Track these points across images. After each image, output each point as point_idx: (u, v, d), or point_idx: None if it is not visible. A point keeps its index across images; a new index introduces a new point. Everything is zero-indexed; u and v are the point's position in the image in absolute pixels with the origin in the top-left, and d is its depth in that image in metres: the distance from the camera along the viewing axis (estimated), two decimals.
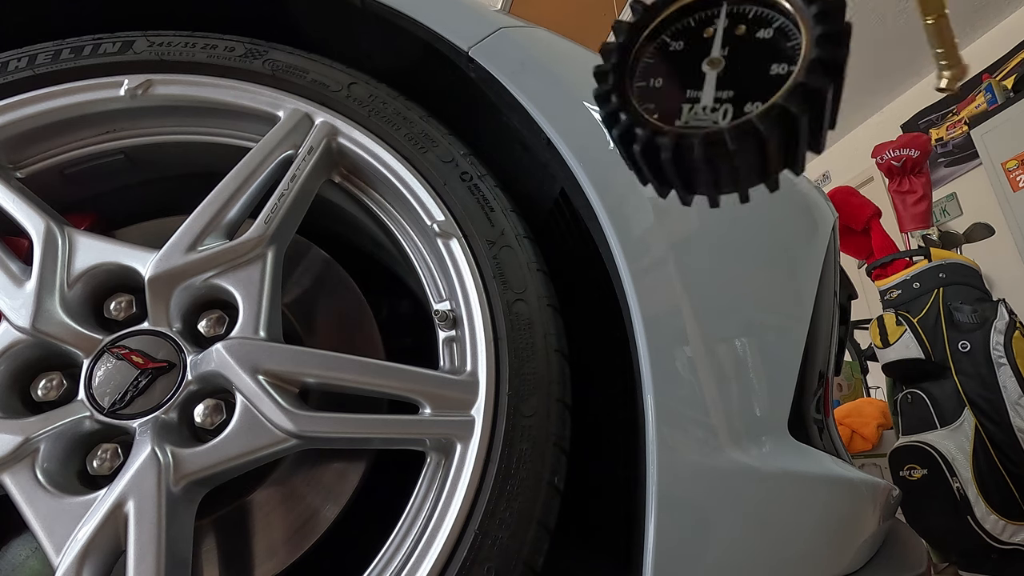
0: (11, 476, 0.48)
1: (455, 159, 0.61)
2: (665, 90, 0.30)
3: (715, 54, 0.29)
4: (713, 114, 0.28)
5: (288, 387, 0.52)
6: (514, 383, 0.52)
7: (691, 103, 0.29)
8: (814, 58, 0.26)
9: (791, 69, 0.27)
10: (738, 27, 0.30)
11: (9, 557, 0.61)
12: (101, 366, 0.52)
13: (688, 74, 0.30)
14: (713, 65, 0.29)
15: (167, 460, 0.48)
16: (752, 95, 0.28)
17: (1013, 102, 3.41)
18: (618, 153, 0.32)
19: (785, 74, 0.27)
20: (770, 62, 0.28)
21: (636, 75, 0.31)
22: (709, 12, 0.30)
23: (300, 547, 0.61)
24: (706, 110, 0.28)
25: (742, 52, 0.29)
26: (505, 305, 0.55)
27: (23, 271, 0.55)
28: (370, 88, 0.63)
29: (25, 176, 0.61)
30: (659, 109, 0.29)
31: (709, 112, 0.28)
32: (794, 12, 0.28)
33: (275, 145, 0.60)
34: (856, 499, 0.68)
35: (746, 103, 0.28)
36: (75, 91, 0.60)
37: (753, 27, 0.29)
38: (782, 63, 0.28)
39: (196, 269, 0.55)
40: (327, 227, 0.74)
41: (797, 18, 0.28)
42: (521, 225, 0.59)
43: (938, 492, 2.07)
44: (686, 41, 0.31)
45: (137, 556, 0.45)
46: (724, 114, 0.28)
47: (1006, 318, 2.13)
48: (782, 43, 0.28)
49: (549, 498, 0.50)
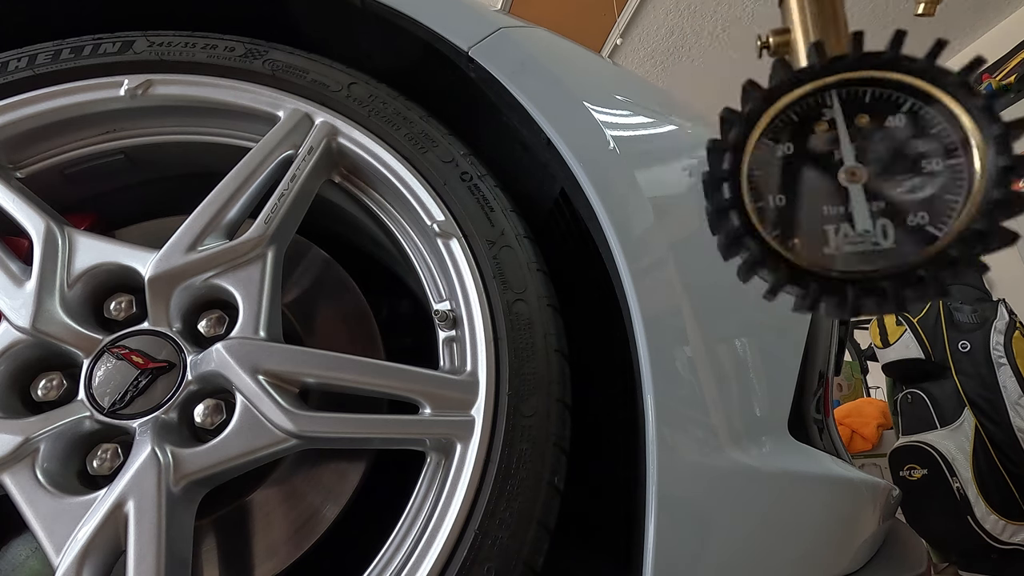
0: (11, 476, 0.48)
1: (455, 159, 0.61)
2: (792, 209, 0.25)
3: (849, 161, 0.25)
4: (869, 235, 0.24)
5: (288, 387, 0.52)
6: (514, 383, 0.52)
7: (835, 223, 0.24)
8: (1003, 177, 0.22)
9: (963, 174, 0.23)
10: (858, 116, 0.25)
11: (9, 557, 0.60)
12: (101, 366, 0.52)
13: (817, 185, 0.25)
14: (855, 177, 0.25)
15: (167, 460, 0.48)
16: (912, 205, 0.23)
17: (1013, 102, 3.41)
18: None
19: (958, 181, 0.23)
20: (919, 157, 0.24)
21: (750, 191, 0.26)
22: (814, 100, 0.26)
23: (300, 547, 0.61)
24: (858, 231, 0.24)
25: (874, 145, 0.25)
26: (505, 305, 0.55)
27: (23, 271, 0.55)
28: (370, 88, 0.63)
29: (25, 176, 0.61)
30: (793, 234, 0.25)
31: (862, 232, 0.24)
32: (940, 97, 0.24)
33: (275, 145, 0.60)
34: (856, 499, 0.68)
35: (907, 214, 0.24)
36: (75, 91, 0.60)
37: (877, 113, 0.25)
38: (942, 159, 0.23)
39: (196, 269, 0.55)
40: (327, 227, 0.74)
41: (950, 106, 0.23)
42: (521, 225, 0.59)
43: (938, 492, 2.07)
44: (796, 142, 0.26)
45: (137, 556, 0.45)
46: (884, 233, 0.24)
47: (1006, 318, 2.13)
48: (926, 130, 0.24)
49: (549, 498, 0.49)
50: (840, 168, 0.25)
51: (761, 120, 0.26)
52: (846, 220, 0.24)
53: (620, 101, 0.67)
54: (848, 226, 0.24)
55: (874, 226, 0.24)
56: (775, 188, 0.26)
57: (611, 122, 0.61)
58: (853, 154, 0.25)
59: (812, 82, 0.26)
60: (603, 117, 0.61)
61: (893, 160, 0.25)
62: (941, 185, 0.24)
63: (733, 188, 0.26)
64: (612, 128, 0.60)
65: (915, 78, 0.25)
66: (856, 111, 0.25)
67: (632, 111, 0.66)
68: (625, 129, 0.63)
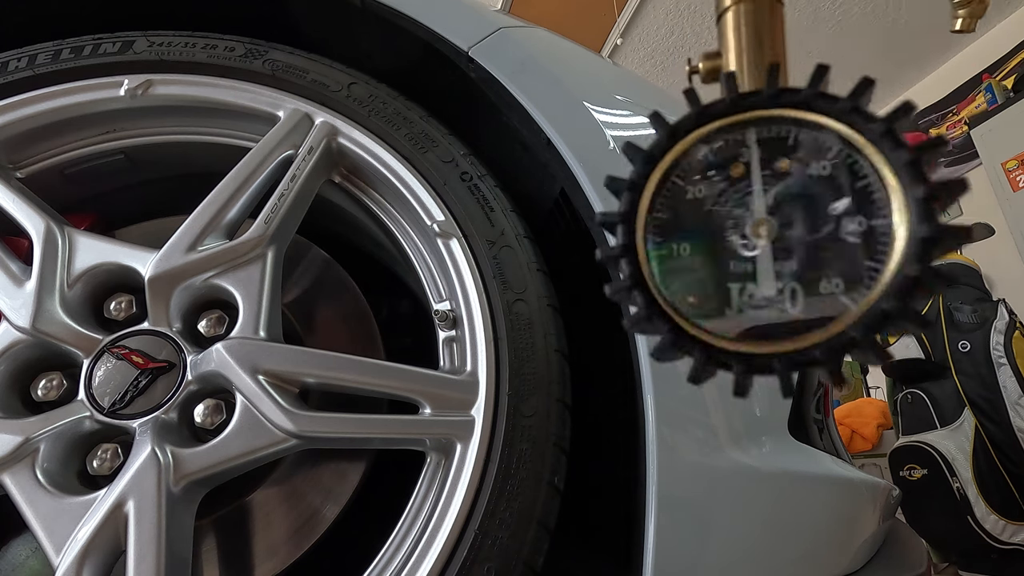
0: (11, 476, 0.48)
1: (455, 159, 0.61)
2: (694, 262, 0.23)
3: (758, 213, 0.22)
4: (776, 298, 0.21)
5: (288, 387, 0.52)
6: (514, 383, 0.52)
7: (739, 282, 0.22)
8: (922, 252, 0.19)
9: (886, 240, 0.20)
10: (779, 160, 0.22)
11: (9, 557, 0.60)
12: (101, 366, 0.52)
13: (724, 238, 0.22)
14: (764, 230, 0.22)
15: (167, 460, 0.48)
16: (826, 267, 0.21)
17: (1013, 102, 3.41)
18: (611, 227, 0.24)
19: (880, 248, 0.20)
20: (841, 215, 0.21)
21: (650, 234, 0.23)
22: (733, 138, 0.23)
23: (300, 547, 0.61)
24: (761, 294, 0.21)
25: (793, 195, 0.22)
26: (505, 305, 0.55)
27: (23, 271, 0.55)
28: (370, 88, 0.63)
29: (25, 176, 0.61)
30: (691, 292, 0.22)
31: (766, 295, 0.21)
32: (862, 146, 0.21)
33: (275, 145, 0.60)
34: (856, 499, 0.68)
35: (820, 280, 0.21)
36: (75, 91, 0.60)
37: (800, 159, 0.22)
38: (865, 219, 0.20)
39: (196, 269, 0.55)
40: (327, 227, 0.74)
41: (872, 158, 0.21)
42: (521, 225, 0.59)
43: (938, 492, 2.07)
44: (708, 183, 0.23)
45: (137, 556, 0.45)
46: (792, 297, 0.21)
47: (1006, 318, 2.13)
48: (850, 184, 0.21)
49: (549, 498, 0.49)
50: (748, 220, 0.22)
51: (661, 163, 0.24)
52: (751, 279, 0.22)
53: (620, 101, 0.67)
54: (753, 287, 0.22)
55: (781, 290, 0.21)
56: (678, 236, 0.23)
57: (611, 122, 0.61)
58: (764, 205, 0.22)
59: (719, 120, 0.23)
60: (603, 117, 0.61)
61: (810, 214, 0.21)
62: (861, 249, 0.21)
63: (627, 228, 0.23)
64: (612, 128, 0.60)
65: (834, 121, 0.22)
66: (777, 154, 0.22)
67: (632, 111, 0.66)
68: (625, 129, 0.63)
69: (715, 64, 0.31)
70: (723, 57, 0.30)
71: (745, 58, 0.29)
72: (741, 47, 0.30)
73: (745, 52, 0.29)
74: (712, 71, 0.31)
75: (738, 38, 0.30)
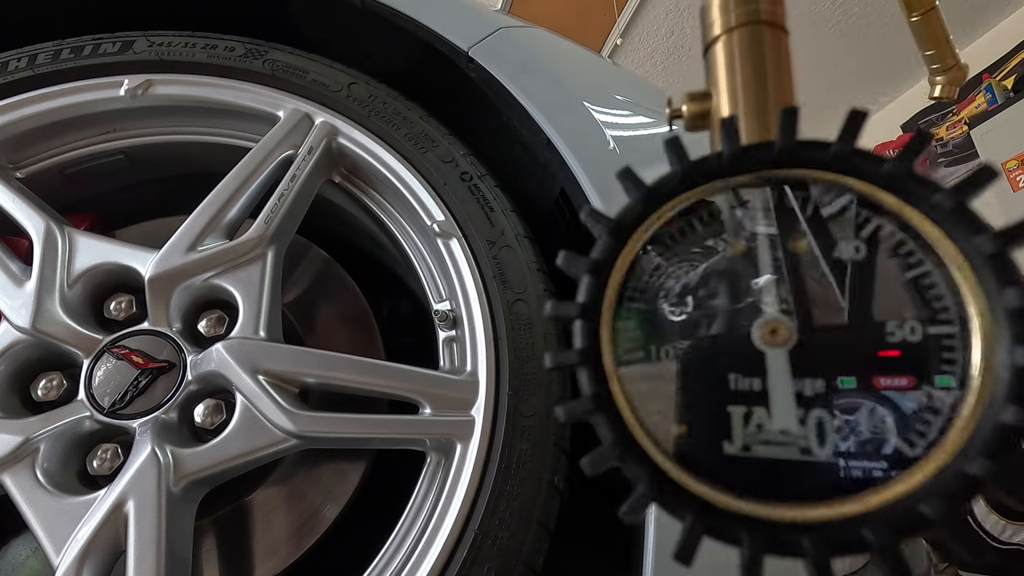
0: (11, 476, 0.48)
1: (455, 159, 0.61)
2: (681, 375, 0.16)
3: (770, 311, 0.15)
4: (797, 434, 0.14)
5: (288, 387, 0.52)
6: (514, 383, 0.52)
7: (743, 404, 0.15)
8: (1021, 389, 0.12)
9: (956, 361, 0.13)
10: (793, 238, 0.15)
11: (9, 557, 0.60)
12: (101, 366, 0.52)
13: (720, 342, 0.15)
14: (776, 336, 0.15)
15: (167, 460, 0.48)
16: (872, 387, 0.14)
17: (1013, 102, 3.41)
18: None
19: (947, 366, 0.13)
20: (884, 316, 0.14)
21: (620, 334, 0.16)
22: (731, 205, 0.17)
23: (300, 547, 0.61)
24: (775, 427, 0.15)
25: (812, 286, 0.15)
26: (505, 305, 0.55)
27: (23, 271, 0.55)
28: (370, 88, 0.63)
29: (25, 176, 0.61)
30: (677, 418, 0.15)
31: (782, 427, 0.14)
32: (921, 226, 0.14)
33: (275, 145, 0.60)
34: None
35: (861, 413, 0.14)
36: (75, 91, 0.60)
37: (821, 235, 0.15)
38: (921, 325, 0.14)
39: (196, 269, 0.55)
40: (327, 227, 0.74)
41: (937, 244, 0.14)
42: (521, 225, 0.59)
43: None
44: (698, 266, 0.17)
45: (137, 556, 0.45)
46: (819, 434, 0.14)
47: None
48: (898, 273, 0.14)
49: (549, 498, 0.49)
50: (756, 319, 0.15)
51: (633, 238, 0.17)
52: (760, 403, 0.15)
53: (620, 101, 0.67)
54: (764, 413, 0.15)
55: (804, 420, 0.14)
56: (658, 337, 0.16)
57: (611, 122, 0.61)
58: (777, 300, 0.15)
59: (715, 181, 0.17)
60: (603, 117, 0.61)
61: (841, 315, 0.15)
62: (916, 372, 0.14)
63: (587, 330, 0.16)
64: (612, 128, 0.60)
65: (879, 189, 0.15)
66: (790, 230, 0.16)
67: (632, 111, 0.66)
68: (625, 129, 0.63)
69: (703, 107, 0.25)
70: (713, 99, 0.24)
71: (742, 100, 0.23)
72: (736, 86, 0.23)
73: (741, 93, 0.23)
74: (699, 116, 0.25)
75: (731, 75, 0.23)
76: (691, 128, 0.25)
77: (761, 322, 0.15)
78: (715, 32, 0.24)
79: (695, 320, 0.16)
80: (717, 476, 0.15)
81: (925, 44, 0.52)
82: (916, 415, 0.14)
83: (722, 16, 0.24)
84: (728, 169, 0.17)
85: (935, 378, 0.14)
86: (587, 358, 0.16)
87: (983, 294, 0.13)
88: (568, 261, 0.18)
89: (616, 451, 0.16)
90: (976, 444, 0.13)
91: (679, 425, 0.15)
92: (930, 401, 0.14)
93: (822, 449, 0.14)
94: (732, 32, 0.23)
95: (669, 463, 0.15)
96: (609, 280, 0.17)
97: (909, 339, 0.14)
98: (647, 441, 0.16)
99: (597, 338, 0.17)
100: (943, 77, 0.53)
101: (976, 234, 0.14)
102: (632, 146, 0.62)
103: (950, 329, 0.14)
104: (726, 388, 0.15)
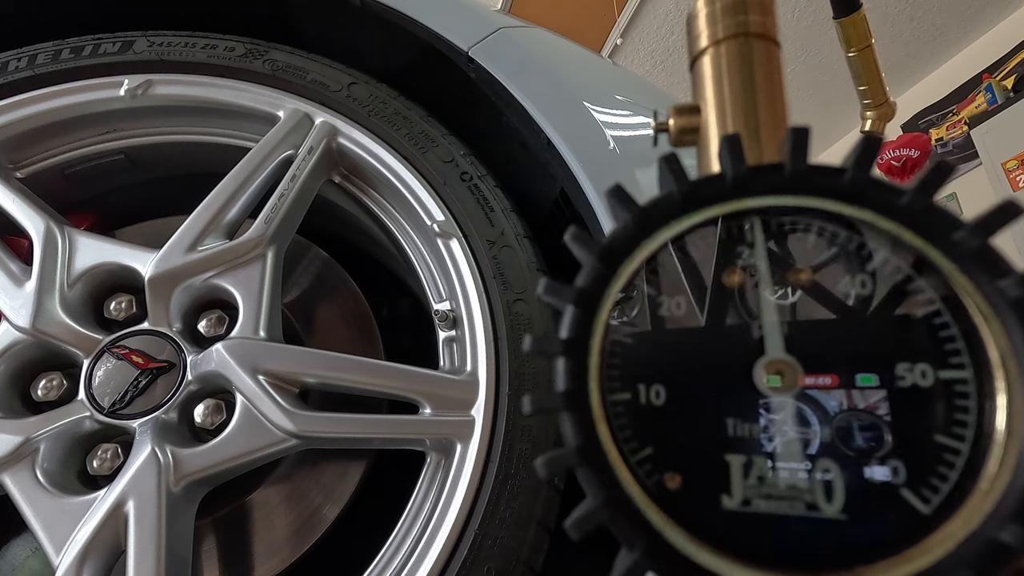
0: (11, 476, 0.48)
1: (455, 159, 0.61)
2: (674, 418, 0.14)
3: (774, 352, 0.14)
4: (804, 488, 0.13)
5: (288, 387, 0.52)
6: (514, 383, 0.52)
7: (743, 453, 0.14)
8: None
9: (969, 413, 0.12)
10: (794, 272, 0.14)
11: (9, 557, 0.60)
12: (101, 366, 0.52)
13: (717, 380, 0.14)
14: (783, 380, 0.14)
15: (167, 460, 0.48)
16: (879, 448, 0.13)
17: (1013, 102, 3.41)
18: None
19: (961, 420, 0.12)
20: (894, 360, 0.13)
21: (609, 372, 0.15)
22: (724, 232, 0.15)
23: (300, 547, 0.61)
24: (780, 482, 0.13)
25: (820, 327, 0.14)
26: (505, 305, 0.55)
27: (23, 271, 0.55)
28: (370, 88, 0.63)
29: (25, 176, 0.61)
30: (671, 467, 0.14)
31: (788, 480, 0.13)
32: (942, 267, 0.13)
33: (275, 145, 0.60)
34: None
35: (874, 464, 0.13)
36: (75, 91, 0.60)
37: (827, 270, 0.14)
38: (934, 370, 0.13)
39: (196, 269, 0.55)
40: (327, 227, 0.74)
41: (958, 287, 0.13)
42: (521, 225, 0.59)
43: None
44: (692, 302, 0.15)
45: (137, 556, 0.45)
46: (825, 491, 0.13)
47: None
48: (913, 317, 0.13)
49: (549, 498, 0.49)
50: (758, 360, 0.14)
51: (624, 266, 0.15)
52: (763, 454, 0.13)
53: (620, 101, 0.67)
54: (766, 466, 0.13)
55: (809, 476, 0.13)
56: (649, 375, 0.15)
57: (611, 122, 0.61)
58: (781, 340, 0.14)
59: (716, 205, 0.15)
60: (603, 117, 0.61)
61: (852, 360, 0.13)
62: (931, 420, 0.13)
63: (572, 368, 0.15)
64: (612, 128, 0.60)
65: (895, 224, 0.14)
66: (790, 261, 0.15)
67: (632, 111, 0.66)
68: (625, 129, 0.63)
69: (691, 122, 0.23)
70: (701, 113, 0.23)
71: (730, 116, 0.22)
72: (724, 101, 0.22)
73: (730, 108, 0.22)
74: (687, 131, 0.24)
75: (719, 90, 0.22)
76: (677, 143, 0.24)
77: (764, 363, 0.14)
78: (702, 44, 0.23)
79: (690, 359, 0.15)
80: (717, 536, 0.13)
81: (860, 79, 0.52)
82: (934, 470, 0.12)
83: (709, 28, 0.23)
84: (733, 192, 0.15)
85: (954, 429, 0.13)
86: (572, 402, 0.14)
87: (1009, 345, 0.12)
88: (550, 291, 0.17)
89: (606, 510, 0.15)
90: (1006, 508, 0.11)
91: (673, 476, 0.14)
92: (949, 457, 0.12)
93: (830, 506, 0.13)
94: (720, 44, 0.22)
95: (665, 523, 0.14)
96: (597, 313, 0.15)
97: (920, 384, 0.13)
98: (640, 497, 0.14)
99: (585, 376, 0.15)
100: (873, 112, 0.54)
101: (1001, 276, 0.13)
102: (632, 146, 0.62)
103: (966, 374, 0.13)
104: (724, 434, 0.14)
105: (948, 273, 0.13)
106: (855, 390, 0.13)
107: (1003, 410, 0.12)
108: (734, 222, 0.15)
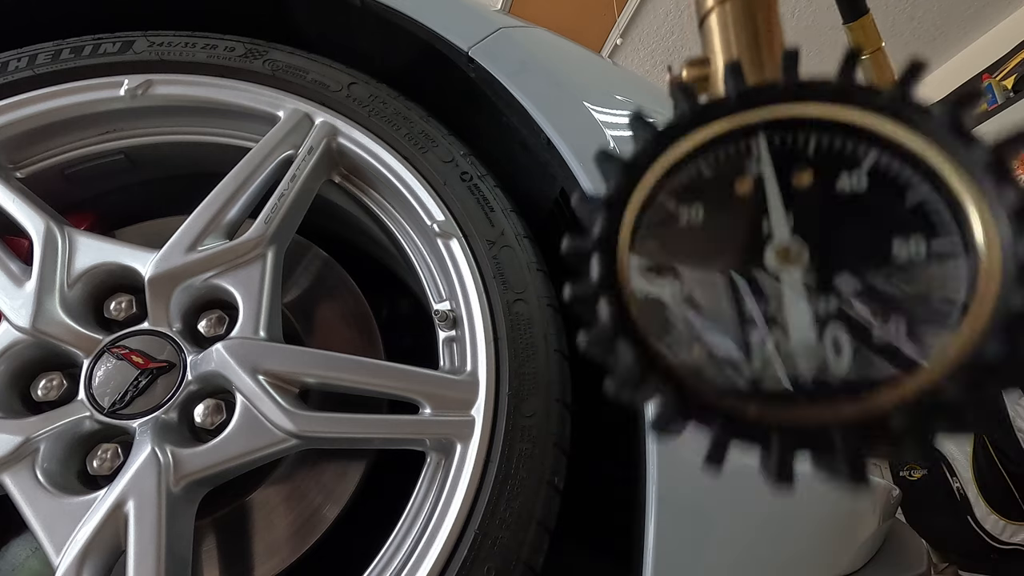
0: (11, 476, 0.48)
1: (455, 159, 0.61)
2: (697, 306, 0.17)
3: (781, 237, 0.17)
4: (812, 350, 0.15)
5: (288, 387, 0.52)
6: (514, 383, 0.52)
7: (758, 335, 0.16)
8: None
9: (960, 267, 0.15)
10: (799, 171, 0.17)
11: (9, 557, 0.60)
12: (101, 366, 0.52)
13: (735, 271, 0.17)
14: (789, 259, 0.16)
15: (167, 460, 0.48)
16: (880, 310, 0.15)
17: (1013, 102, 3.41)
18: None
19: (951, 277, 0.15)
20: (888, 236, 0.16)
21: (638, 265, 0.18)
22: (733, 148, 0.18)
23: (300, 547, 0.61)
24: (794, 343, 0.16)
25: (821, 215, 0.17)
26: (505, 305, 0.55)
27: (23, 271, 0.55)
28: (370, 88, 0.63)
29: (25, 176, 0.61)
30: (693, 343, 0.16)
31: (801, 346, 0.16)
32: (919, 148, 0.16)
33: (275, 145, 0.60)
34: (856, 499, 0.68)
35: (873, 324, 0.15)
36: (75, 91, 0.60)
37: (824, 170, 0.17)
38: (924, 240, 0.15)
39: (196, 269, 0.55)
40: (327, 227, 0.74)
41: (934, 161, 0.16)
42: (521, 225, 0.59)
43: (938, 492, 2.07)
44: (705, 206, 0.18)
45: (137, 556, 0.45)
46: (835, 348, 0.15)
47: None
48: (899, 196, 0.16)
49: (549, 498, 0.49)
50: (768, 244, 0.17)
51: (646, 177, 0.18)
52: (777, 325, 0.16)
53: (620, 101, 0.67)
54: (780, 334, 0.16)
55: (820, 336, 0.15)
56: (673, 271, 0.17)
57: (611, 122, 0.61)
58: (788, 226, 0.17)
59: (723, 119, 0.18)
60: (603, 117, 0.61)
61: (850, 239, 0.16)
62: (925, 282, 0.15)
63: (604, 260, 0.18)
64: (612, 128, 0.60)
65: (879, 117, 0.17)
66: (795, 165, 0.17)
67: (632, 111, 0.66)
68: (625, 129, 0.63)
69: (703, 72, 0.26)
70: (712, 64, 0.26)
71: (740, 58, 0.25)
72: (731, 50, 0.25)
73: (737, 53, 0.25)
74: (699, 80, 0.27)
75: (726, 40, 0.25)
76: None
77: (774, 246, 0.17)
78: (708, 4, 0.26)
79: (709, 252, 0.17)
80: (739, 391, 0.16)
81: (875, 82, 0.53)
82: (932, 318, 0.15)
83: None
84: (735, 107, 0.18)
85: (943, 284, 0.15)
86: (606, 288, 0.18)
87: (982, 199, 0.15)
88: (581, 202, 0.19)
89: (637, 372, 0.17)
90: (991, 331, 0.14)
91: (699, 348, 0.16)
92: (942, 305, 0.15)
93: (839, 362, 0.15)
94: (725, 3, 0.26)
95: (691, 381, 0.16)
96: (623, 216, 0.18)
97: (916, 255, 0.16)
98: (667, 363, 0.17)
99: (615, 268, 0.18)
100: None
101: (970, 145, 0.15)
102: None
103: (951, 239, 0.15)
104: (743, 313, 0.16)
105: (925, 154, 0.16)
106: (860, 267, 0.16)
107: (988, 252, 0.14)
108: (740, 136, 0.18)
